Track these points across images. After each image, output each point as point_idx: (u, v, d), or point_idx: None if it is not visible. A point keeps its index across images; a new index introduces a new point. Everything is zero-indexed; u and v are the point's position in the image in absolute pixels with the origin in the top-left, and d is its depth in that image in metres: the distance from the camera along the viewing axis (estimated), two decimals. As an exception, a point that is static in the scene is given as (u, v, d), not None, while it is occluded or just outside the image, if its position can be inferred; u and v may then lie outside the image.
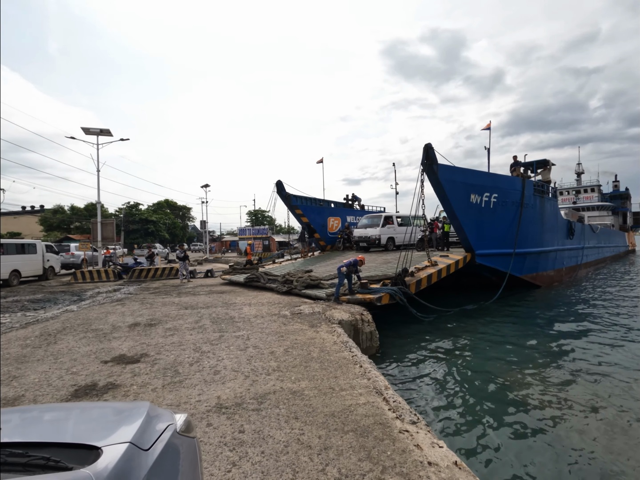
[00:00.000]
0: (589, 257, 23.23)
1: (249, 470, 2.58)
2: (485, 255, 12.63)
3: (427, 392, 5.54)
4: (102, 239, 19.86)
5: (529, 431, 4.41)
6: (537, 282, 15.34)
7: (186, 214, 72.72)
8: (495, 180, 13.26)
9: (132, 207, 54.58)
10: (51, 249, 18.74)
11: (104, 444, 1.18)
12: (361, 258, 8.94)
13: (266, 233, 43.41)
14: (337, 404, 3.59)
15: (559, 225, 17.60)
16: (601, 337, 8.44)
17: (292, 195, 18.55)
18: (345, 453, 2.77)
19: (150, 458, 1.25)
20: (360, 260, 8.87)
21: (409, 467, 2.60)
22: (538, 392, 5.49)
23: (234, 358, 4.99)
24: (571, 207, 32.06)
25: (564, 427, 4.49)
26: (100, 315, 8.22)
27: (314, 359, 4.91)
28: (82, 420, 1.54)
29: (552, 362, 6.81)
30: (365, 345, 6.96)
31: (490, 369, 6.46)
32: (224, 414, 3.41)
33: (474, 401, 5.25)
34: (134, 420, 1.41)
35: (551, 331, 9.11)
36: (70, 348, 5.72)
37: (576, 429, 4.45)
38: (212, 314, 7.98)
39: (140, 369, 4.66)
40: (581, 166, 45.05)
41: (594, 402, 5.15)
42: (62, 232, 48.66)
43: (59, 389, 4.11)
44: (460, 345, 7.85)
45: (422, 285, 9.78)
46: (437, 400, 5.29)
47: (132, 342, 5.96)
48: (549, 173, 17.97)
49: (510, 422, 4.63)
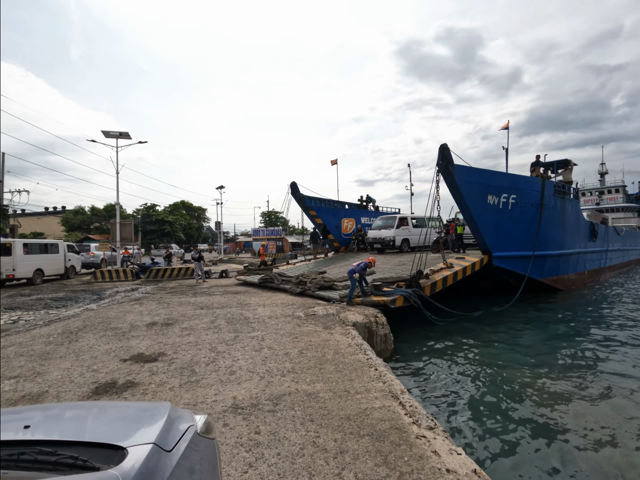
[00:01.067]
0: (613, 260, 22.40)
1: (265, 472, 2.59)
2: (503, 257, 12.34)
3: (443, 398, 5.44)
4: (120, 239, 20.38)
5: (552, 441, 4.28)
6: (558, 286, 14.92)
7: (201, 214, 73.95)
8: (513, 180, 12.95)
9: (149, 208, 55.85)
10: (72, 249, 19.35)
11: (129, 445, 1.20)
12: (371, 260, 8.83)
13: (280, 234, 43.65)
14: (352, 407, 3.57)
15: (581, 227, 17.05)
16: (626, 346, 8.12)
17: (306, 196, 18.61)
18: (361, 457, 2.74)
19: (173, 459, 1.26)
20: (370, 262, 8.74)
21: (427, 473, 2.55)
22: (561, 401, 5.32)
23: (249, 359, 5.02)
24: (594, 209, 30.94)
25: (586, 439, 4.34)
26: (119, 314, 8.42)
27: (329, 361, 4.90)
28: (105, 419, 1.57)
29: (576, 370, 6.59)
30: (379, 348, 6.90)
31: (508, 375, 6.30)
32: (240, 415, 3.43)
33: (493, 408, 5.13)
34: (156, 420, 1.43)
35: (573, 337, 8.83)
36: (91, 346, 5.88)
37: (600, 441, 4.29)
38: (227, 314, 8.07)
39: (158, 368, 4.74)
40: (605, 166, 43.57)
41: (622, 417, 4.96)
42: (82, 232, 50.22)
43: (81, 385, 4.22)
44: (476, 351, 7.69)
45: (437, 288, 9.64)
46: (455, 405, 5.19)
47: (150, 341, 6.08)
48: (570, 173, 17.46)
49: (532, 430, 4.50)
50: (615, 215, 34.77)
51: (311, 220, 19.67)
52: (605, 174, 43.61)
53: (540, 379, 6.11)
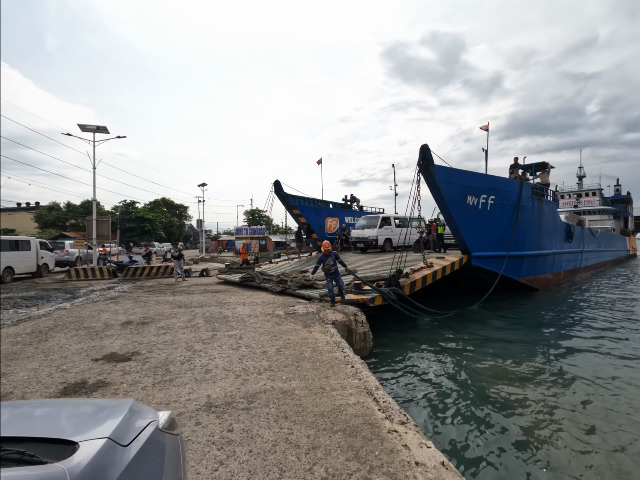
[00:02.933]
0: (589, 260, 23.22)
1: (236, 469, 2.57)
2: (482, 257, 12.64)
3: (418, 393, 5.55)
4: (97, 236, 19.73)
5: (516, 433, 4.43)
6: (535, 285, 15.35)
7: (183, 212, 72.53)
8: (492, 182, 13.25)
9: (128, 205, 54.37)
10: (45, 246, 18.64)
11: (81, 439, 1.17)
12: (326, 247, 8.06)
13: (263, 233, 43.34)
14: (327, 403, 3.58)
15: (557, 229, 17.53)
16: (594, 339, 8.49)
17: (289, 195, 18.52)
18: (333, 453, 2.76)
19: (129, 454, 1.24)
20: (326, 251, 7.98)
21: (396, 467, 2.60)
22: (529, 396, 5.51)
23: (226, 357, 4.97)
24: (572, 211, 32.01)
25: (551, 431, 4.51)
26: (93, 313, 8.17)
27: (306, 359, 4.91)
28: (63, 416, 1.52)
29: (545, 366, 6.83)
30: (358, 346, 6.96)
31: (482, 371, 6.48)
32: (213, 413, 3.39)
33: (465, 403, 5.26)
34: (116, 416, 1.40)
35: (546, 334, 9.15)
36: (61, 346, 5.68)
37: (566, 432, 4.47)
38: (205, 313, 7.95)
39: (131, 367, 4.63)
40: (583, 169, 45.18)
41: (585, 406, 5.18)
42: (57, 229, 48.40)
43: (48, 386, 4.08)
44: (452, 348, 7.87)
45: (416, 287, 9.79)
46: (428, 401, 5.30)
47: (124, 340, 5.92)
48: (548, 176, 18.02)
49: (500, 424, 4.65)
50: (592, 218, 36.09)
51: (295, 220, 19.60)
52: (583, 177, 45.25)
53: (514, 375, 6.31)
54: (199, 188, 37.88)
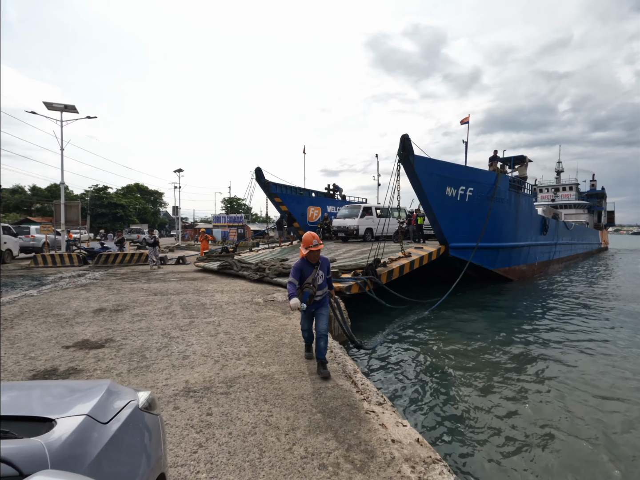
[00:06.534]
0: (562, 253, 24.01)
1: (216, 451, 2.57)
2: (459, 248, 12.88)
3: (394, 376, 5.72)
4: (66, 221, 18.80)
5: (485, 411, 4.66)
6: (509, 276, 15.76)
7: (158, 199, 70.26)
8: (471, 174, 13.43)
9: (99, 190, 52.05)
10: (9, 231, 17.60)
11: (59, 417, 1.14)
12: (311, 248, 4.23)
13: (242, 221, 42.72)
14: (306, 387, 3.63)
15: (533, 221, 17.92)
16: (562, 327, 9.00)
17: (271, 183, 18.25)
18: (312, 433, 2.81)
19: (109, 430, 1.21)
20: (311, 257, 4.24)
21: (374, 444, 2.68)
22: (497, 377, 5.79)
23: (204, 343, 4.92)
24: (549, 204, 33.08)
25: (519, 407, 4.78)
26: (63, 301, 7.84)
27: (286, 344, 4.94)
28: (40, 396, 1.47)
29: (513, 350, 7.19)
30: (337, 333, 7.05)
31: (454, 355, 6.75)
32: (191, 398, 3.36)
33: (438, 385, 5.48)
34: (93, 396, 1.36)
35: (516, 322, 9.60)
36: (29, 333, 5.43)
37: (532, 408, 4.75)
38: (182, 300, 7.81)
39: (104, 354, 4.50)
40: (561, 164, 46.83)
41: (545, 385, 5.51)
42: (21, 213, 45.77)
43: (15, 374, 3.90)
44: (426, 335, 8.13)
45: (393, 276, 9.98)
46: (404, 383, 5.47)
47: (97, 327, 5.73)
48: (526, 169, 18.55)
49: (470, 403, 4.88)
50: (568, 212, 37.42)
51: (276, 208, 19.38)
52: (561, 172, 46.89)
53: (484, 359, 6.60)
54: (175, 174, 36.69)
